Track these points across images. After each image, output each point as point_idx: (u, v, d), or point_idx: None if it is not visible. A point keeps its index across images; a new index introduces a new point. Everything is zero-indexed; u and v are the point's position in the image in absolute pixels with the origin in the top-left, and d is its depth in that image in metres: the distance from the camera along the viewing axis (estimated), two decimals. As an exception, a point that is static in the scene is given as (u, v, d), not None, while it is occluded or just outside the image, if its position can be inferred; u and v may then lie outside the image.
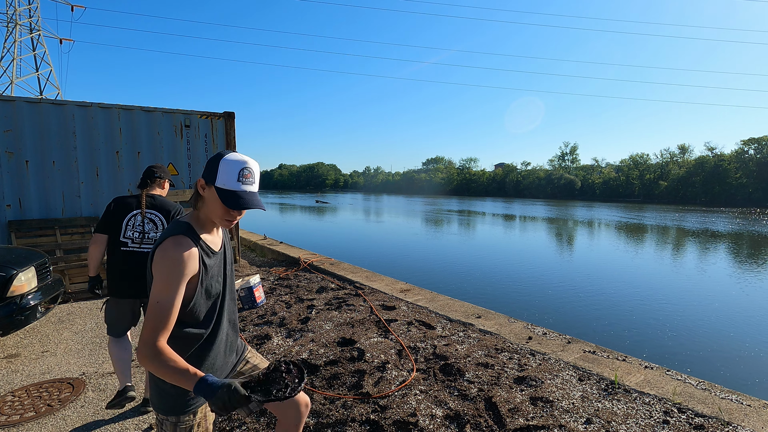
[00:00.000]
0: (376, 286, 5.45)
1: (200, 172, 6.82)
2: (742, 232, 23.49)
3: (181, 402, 1.42)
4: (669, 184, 72.48)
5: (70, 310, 4.94)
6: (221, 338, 1.53)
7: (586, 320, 7.36)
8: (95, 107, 5.94)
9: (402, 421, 2.45)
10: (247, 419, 2.59)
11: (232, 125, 7.07)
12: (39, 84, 48.16)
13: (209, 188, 1.37)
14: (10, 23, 46.13)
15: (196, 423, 1.47)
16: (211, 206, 1.40)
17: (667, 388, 2.79)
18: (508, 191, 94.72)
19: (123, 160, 6.18)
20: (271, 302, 4.91)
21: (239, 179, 1.35)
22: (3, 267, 3.50)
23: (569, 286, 9.85)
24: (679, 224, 27.88)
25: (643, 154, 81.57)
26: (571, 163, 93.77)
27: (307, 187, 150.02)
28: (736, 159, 65.67)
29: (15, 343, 3.93)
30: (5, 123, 5.38)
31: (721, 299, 8.88)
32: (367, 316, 4.28)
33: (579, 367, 3.13)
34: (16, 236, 5.33)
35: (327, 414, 2.54)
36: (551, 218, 32.56)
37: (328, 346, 3.51)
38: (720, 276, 11.44)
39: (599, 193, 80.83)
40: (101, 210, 6.05)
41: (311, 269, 6.69)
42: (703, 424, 2.38)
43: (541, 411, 2.56)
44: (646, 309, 8.07)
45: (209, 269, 1.44)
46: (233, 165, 1.34)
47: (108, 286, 2.75)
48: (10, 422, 2.62)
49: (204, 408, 1.50)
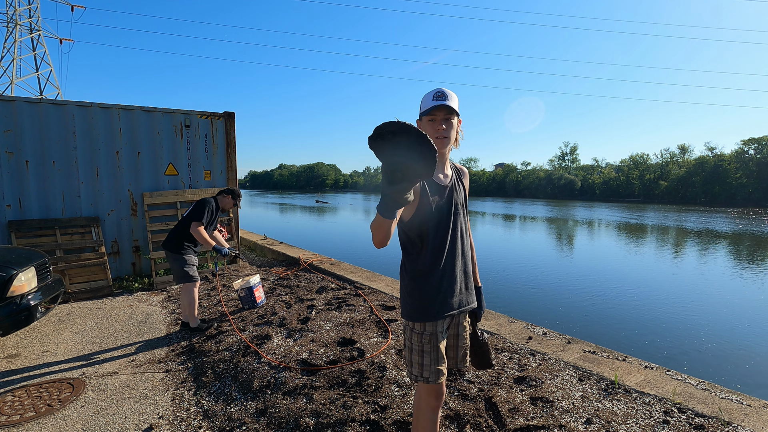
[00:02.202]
0: (376, 286, 5.45)
1: (200, 172, 6.82)
2: (742, 232, 23.48)
3: (412, 313, 1.75)
4: (669, 184, 72.47)
5: (70, 310, 4.94)
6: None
7: (586, 320, 7.36)
8: (95, 107, 5.94)
9: (402, 421, 2.45)
10: (247, 419, 2.59)
11: (232, 125, 7.07)
12: (39, 84, 48.16)
13: (420, 121, 1.72)
14: (10, 23, 46.10)
15: (428, 333, 1.73)
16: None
17: (667, 388, 2.79)
18: (508, 191, 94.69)
19: (123, 160, 6.18)
20: (271, 302, 4.91)
21: (434, 99, 1.67)
22: (3, 267, 3.50)
23: (569, 286, 9.85)
24: (680, 224, 27.88)
25: (643, 154, 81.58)
26: (571, 163, 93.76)
27: (307, 187, 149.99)
28: (736, 159, 65.64)
29: (15, 343, 3.93)
30: (5, 123, 5.38)
31: (721, 299, 8.88)
32: (367, 316, 4.28)
33: (579, 367, 3.13)
34: (16, 236, 5.33)
35: (327, 414, 2.54)
36: (551, 218, 32.55)
37: (328, 346, 3.51)
38: (720, 276, 11.44)
39: (599, 193, 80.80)
40: (101, 210, 6.05)
41: (311, 269, 6.69)
42: (703, 424, 2.38)
43: (541, 411, 2.55)
44: (646, 309, 8.06)
45: (426, 196, 1.69)
46: (430, 93, 1.69)
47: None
48: (10, 422, 2.62)
49: (440, 323, 1.74)
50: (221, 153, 7.00)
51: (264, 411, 2.66)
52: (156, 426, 2.59)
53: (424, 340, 1.72)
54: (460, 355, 1.93)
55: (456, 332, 1.90)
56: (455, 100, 1.68)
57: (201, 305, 5.00)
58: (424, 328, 1.73)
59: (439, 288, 1.72)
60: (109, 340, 4.03)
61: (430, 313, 1.71)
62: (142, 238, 6.35)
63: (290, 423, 2.51)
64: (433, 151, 1.15)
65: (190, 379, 3.24)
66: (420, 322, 1.73)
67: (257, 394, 2.88)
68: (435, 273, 1.72)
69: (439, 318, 1.73)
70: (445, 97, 1.65)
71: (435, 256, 1.72)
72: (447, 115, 1.66)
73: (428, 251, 1.72)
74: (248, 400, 2.83)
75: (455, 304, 1.77)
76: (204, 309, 4.87)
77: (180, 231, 4.16)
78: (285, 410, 2.62)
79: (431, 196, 1.71)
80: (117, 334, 4.19)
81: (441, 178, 1.75)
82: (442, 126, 1.66)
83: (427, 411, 1.81)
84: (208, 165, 6.89)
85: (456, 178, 1.82)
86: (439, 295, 1.72)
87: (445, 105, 1.63)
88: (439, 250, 1.72)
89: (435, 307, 1.72)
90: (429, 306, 1.72)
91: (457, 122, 1.73)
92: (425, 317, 1.72)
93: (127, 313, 4.84)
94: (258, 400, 2.80)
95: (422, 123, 1.71)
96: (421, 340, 1.73)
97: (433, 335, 1.72)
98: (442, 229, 1.72)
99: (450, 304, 1.75)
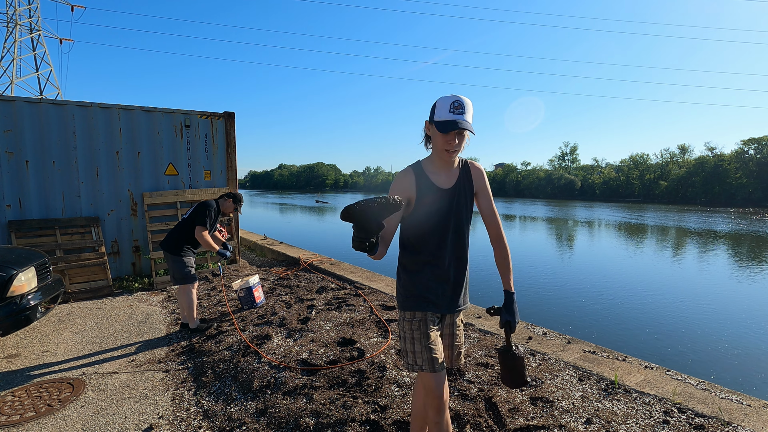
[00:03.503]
0: (376, 286, 5.45)
1: (200, 172, 6.82)
2: (742, 232, 23.48)
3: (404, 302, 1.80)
4: (669, 184, 72.42)
5: (70, 310, 4.94)
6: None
7: (586, 320, 7.36)
8: (95, 107, 5.93)
9: (402, 421, 2.45)
10: (247, 419, 2.59)
11: (232, 125, 7.07)
12: (39, 84, 48.15)
13: (431, 125, 1.67)
14: (10, 23, 46.10)
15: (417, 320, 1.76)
16: (434, 140, 1.69)
17: (667, 388, 2.79)
18: (508, 191, 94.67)
19: (123, 160, 6.18)
20: (271, 302, 4.91)
21: (450, 110, 1.60)
22: (3, 267, 3.50)
23: (569, 286, 9.85)
24: (680, 224, 27.88)
25: (643, 154, 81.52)
26: (571, 163, 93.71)
27: (307, 187, 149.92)
28: (736, 159, 65.59)
29: (15, 343, 3.93)
30: (5, 123, 5.38)
31: (721, 299, 8.88)
32: (367, 316, 4.28)
33: (579, 367, 3.13)
34: (16, 236, 5.33)
35: (327, 414, 2.54)
36: (551, 218, 32.55)
37: (328, 346, 3.51)
38: (720, 276, 11.44)
39: (599, 193, 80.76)
40: (101, 210, 6.05)
41: (311, 269, 6.69)
42: (703, 424, 2.38)
43: (541, 411, 2.55)
44: (646, 309, 8.06)
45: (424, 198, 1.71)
46: (446, 100, 1.62)
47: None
48: (10, 422, 2.62)
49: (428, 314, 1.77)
50: (221, 153, 7.00)
51: (264, 411, 2.66)
52: (156, 426, 2.59)
53: (414, 326, 1.76)
54: (454, 354, 1.98)
55: (451, 332, 1.94)
56: (471, 111, 1.64)
57: (201, 305, 5.00)
58: (413, 315, 1.78)
59: (428, 286, 1.77)
60: (109, 340, 4.03)
61: (419, 303, 1.77)
62: (142, 238, 6.35)
63: (290, 423, 2.51)
64: (377, 206, 1.37)
65: (190, 379, 3.24)
66: (410, 310, 1.78)
67: (257, 394, 2.88)
68: (425, 271, 1.77)
69: (428, 310, 1.77)
70: (462, 110, 1.60)
71: (428, 255, 1.76)
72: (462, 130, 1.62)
73: (422, 250, 1.77)
74: (248, 400, 2.83)
75: (443, 304, 1.80)
76: (204, 309, 4.87)
77: (180, 233, 4.14)
78: (285, 410, 2.62)
79: (427, 200, 1.72)
80: (117, 334, 4.19)
81: (442, 182, 1.76)
82: (455, 141, 1.64)
83: (431, 412, 1.77)
84: (208, 165, 6.89)
85: (464, 180, 1.80)
86: (429, 293, 1.77)
87: (463, 125, 1.58)
88: (433, 250, 1.75)
89: (422, 300, 1.77)
90: (417, 297, 1.77)
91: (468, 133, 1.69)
92: (414, 306, 1.77)
93: (127, 313, 4.84)
94: (258, 400, 2.80)
95: (432, 127, 1.66)
96: (411, 327, 1.77)
97: (423, 322, 1.76)
98: (437, 231, 1.75)
99: (438, 303, 1.79)
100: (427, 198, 1.72)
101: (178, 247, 4.10)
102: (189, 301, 4.13)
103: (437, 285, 1.78)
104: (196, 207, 4.19)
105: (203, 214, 4.11)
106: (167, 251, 4.11)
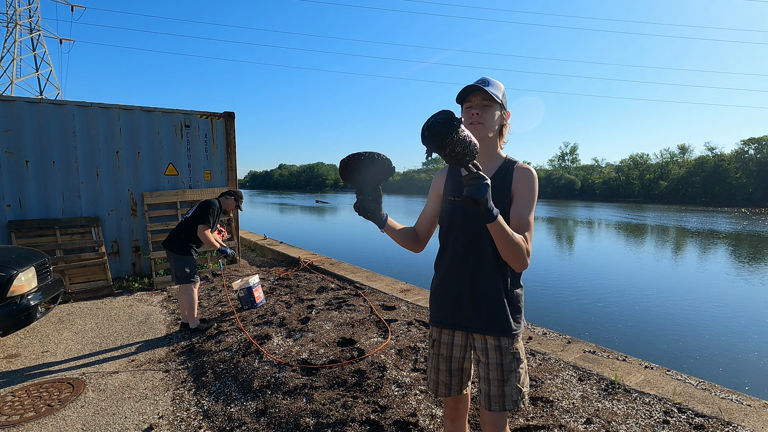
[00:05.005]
0: (376, 286, 5.45)
1: (200, 172, 6.82)
2: (742, 232, 23.49)
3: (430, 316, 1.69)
4: (669, 184, 72.39)
5: (70, 310, 4.94)
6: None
7: (586, 320, 7.36)
8: (95, 107, 5.94)
9: (402, 421, 2.45)
10: (247, 419, 2.59)
11: (232, 125, 7.07)
12: (39, 84, 48.15)
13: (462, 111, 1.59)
14: (10, 23, 46.09)
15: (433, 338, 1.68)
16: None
17: (667, 388, 2.79)
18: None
19: (123, 160, 6.18)
20: (271, 302, 4.91)
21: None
22: (3, 267, 3.50)
23: (569, 286, 9.85)
24: (680, 224, 27.88)
25: (643, 154, 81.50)
26: (571, 163, 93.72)
27: (307, 187, 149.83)
28: (736, 159, 65.57)
29: (15, 343, 3.93)
30: (5, 123, 5.38)
31: (721, 299, 8.88)
32: (367, 316, 4.28)
33: (579, 367, 3.13)
34: (16, 236, 5.33)
35: (327, 414, 2.54)
36: (551, 218, 32.55)
37: (328, 346, 3.51)
38: (720, 276, 11.44)
39: (599, 193, 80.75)
40: (101, 210, 6.05)
41: (311, 269, 6.69)
42: (703, 424, 2.38)
43: (541, 411, 2.55)
44: (646, 309, 8.06)
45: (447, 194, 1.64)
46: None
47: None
48: (10, 422, 2.62)
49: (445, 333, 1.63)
50: (221, 153, 7.00)
51: (264, 411, 2.66)
52: (156, 426, 2.59)
53: (430, 344, 1.68)
54: (485, 390, 1.51)
55: (478, 358, 1.56)
56: (499, 88, 1.53)
57: (201, 305, 5.00)
58: (431, 331, 1.68)
59: (442, 295, 1.60)
60: (109, 340, 4.03)
61: (432, 315, 1.66)
62: (142, 238, 6.35)
63: (290, 423, 2.51)
64: (377, 160, 1.35)
65: (190, 379, 3.24)
66: (432, 326, 1.67)
67: (257, 394, 2.88)
68: (444, 275, 1.60)
69: (437, 325, 1.63)
70: (485, 83, 1.51)
71: (443, 258, 1.62)
72: (485, 101, 1.49)
73: (443, 252, 1.62)
74: (248, 400, 2.83)
75: (457, 318, 1.55)
76: (204, 309, 4.87)
77: (184, 232, 4.15)
78: (285, 410, 2.62)
79: (447, 192, 1.62)
80: (117, 334, 4.19)
81: None
82: (476, 112, 1.50)
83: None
84: (208, 165, 6.89)
85: (498, 180, 1.52)
86: (442, 302, 1.60)
87: (479, 88, 1.47)
88: (447, 253, 1.59)
89: (435, 312, 1.64)
90: (434, 309, 1.65)
91: (500, 112, 1.54)
92: (431, 320, 1.67)
93: (127, 313, 4.84)
94: (258, 400, 2.80)
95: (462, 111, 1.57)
96: (430, 343, 1.68)
97: (437, 342, 1.63)
98: (452, 231, 1.57)
99: (449, 316, 1.58)
100: (450, 194, 1.61)
101: (183, 246, 4.11)
102: (190, 300, 4.13)
103: (453, 293, 1.56)
104: (199, 206, 4.20)
105: (206, 212, 4.12)
106: (171, 251, 4.12)
